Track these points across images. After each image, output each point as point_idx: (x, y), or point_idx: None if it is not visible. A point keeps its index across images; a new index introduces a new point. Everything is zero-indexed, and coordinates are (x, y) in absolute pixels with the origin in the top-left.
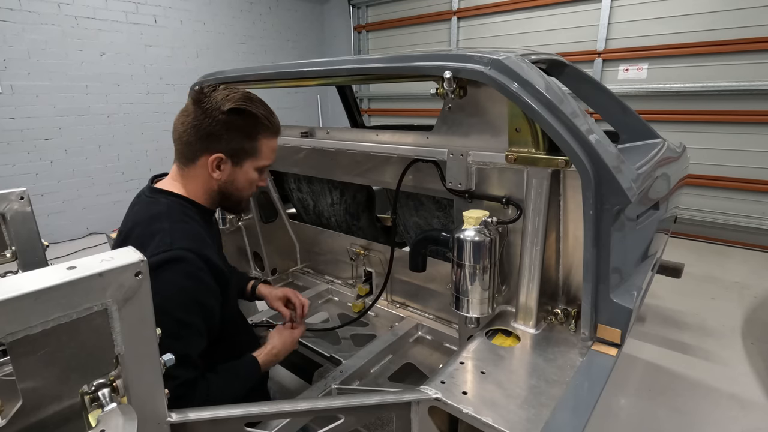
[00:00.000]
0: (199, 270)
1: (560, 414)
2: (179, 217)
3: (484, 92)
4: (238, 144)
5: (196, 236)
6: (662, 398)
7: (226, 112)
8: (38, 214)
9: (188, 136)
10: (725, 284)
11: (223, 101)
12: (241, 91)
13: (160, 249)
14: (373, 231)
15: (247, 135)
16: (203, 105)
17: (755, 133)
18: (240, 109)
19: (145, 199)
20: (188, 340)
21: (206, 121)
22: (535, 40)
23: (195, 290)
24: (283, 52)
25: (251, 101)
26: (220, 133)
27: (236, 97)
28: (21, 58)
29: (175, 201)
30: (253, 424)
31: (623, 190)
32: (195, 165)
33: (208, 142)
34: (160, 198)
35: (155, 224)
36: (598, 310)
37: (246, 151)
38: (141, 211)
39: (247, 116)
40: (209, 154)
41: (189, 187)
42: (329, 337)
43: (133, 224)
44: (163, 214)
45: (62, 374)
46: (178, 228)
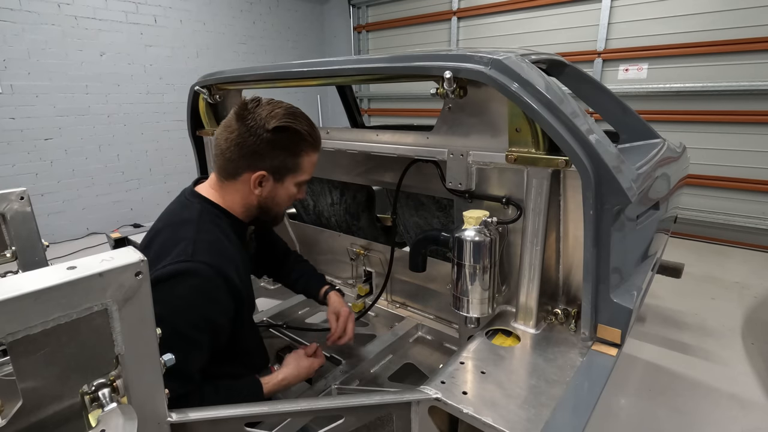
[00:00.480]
0: (214, 287)
1: (560, 414)
2: (208, 227)
3: (484, 92)
4: (281, 161)
5: (218, 250)
6: (662, 398)
7: (271, 130)
8: (38, 214)
9: (231, 153)
10: (725, 284)
11: (267, 118)
12: (284, 106)
13: (179, 258)
14: (373, 231)
15: (291, 152)
16: (247, 122)
17: (755, 133)
18: (285, 127)
19: (183, 200)
20: (189, 354)
21: (251, 139)
22: (535, 40)
23: (205, 307)
24: (283, 52)
25: (295, 117)
26: (265, 151)
27: (281, 113)
28: (21, 58)
29: (208, 209)
30: (253, 424)
31: (623, 190)
32: (236, 180)
33: (252, 159)
34: (195, 204)
35: (183, 230)
36: (598, 310)
37: (288, 168)
38: (174, 212)
39: (291, 133)
40: (252, 171)
41: (227, 198)
42: None
43: (164, 225)
44: (193, 222)
45: (62, 374)
46: (202, 239)
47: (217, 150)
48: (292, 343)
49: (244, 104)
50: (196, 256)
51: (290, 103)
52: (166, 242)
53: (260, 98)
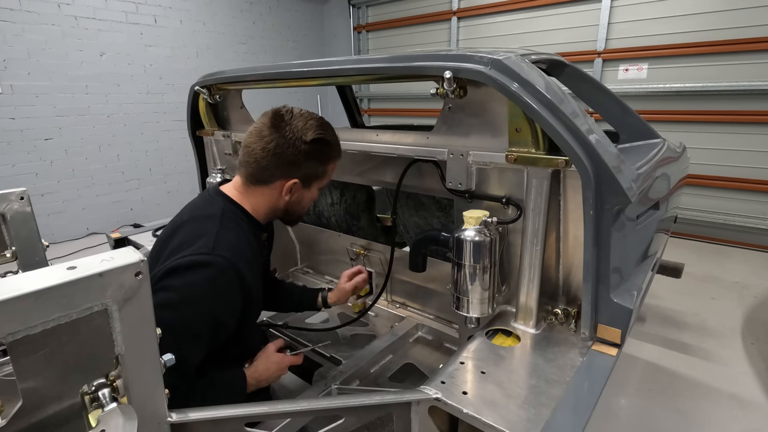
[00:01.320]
0: (228, 282)
1: (560, 414)
2: (229, 225)
3: (484, 92)
4: (313, 170)
5: (238, 248)
6: (662, 398)
7: (309, 142)
8: (38, 214)
9: (266, 162)
10: (725, 284)
11: (304, 130)
12: (315, 117)
13: (201, 250)
14: (373, 231)
15: (322, 162)
16: (285, 132)
17: (755, 133)
18: (320, 139)
19: (206, 197)
20: (188, 346)
21: (289, 150)
22: (535, 40)
23: (215, 303)
24: (283, 52)
25: (326, 129)
26: (301, 161)
27: (315, 125)
28: (21, 58)
29: (231, 208)
30: (253, 424)
31: (623, 190)
32: (266, 187)
33: (288, 169)
34: (219, 201)
35: (206, 224)
36: (598, 310)
37: (318, 176)
38: (198, 207)
39: (324, 145)
40: (286, 179)
41: (252, 201)
42: (329, 337)
43: (189, 218)
44: (217, 217)
45: (62, 374)
46: (224, 235)
47: (250, 158)
48: (292, 344)
49: (279, 114)
50: (216, 250)
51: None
52: (189, 234)
53: (291, 108)
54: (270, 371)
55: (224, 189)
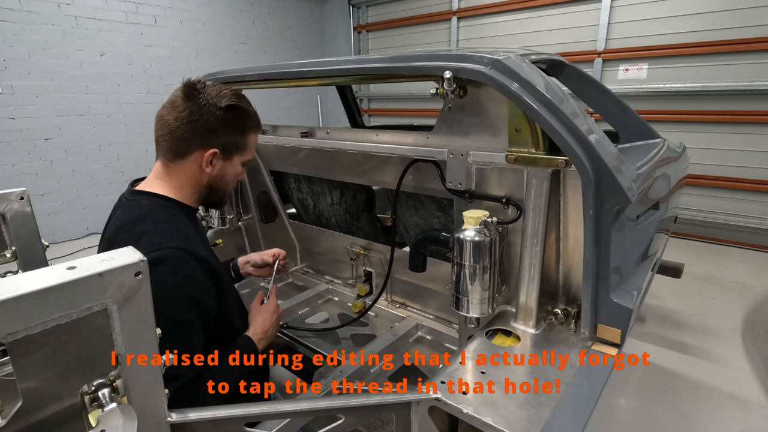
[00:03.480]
0: (191, 268)
1: (560, 414)
2: (163, 217)
3: (484, 92)
4: (232, 139)
5: (183, 234)
6: (662, 398)
7: (223, 108)
8: (38, 214)
9: (182, 131)
10: (725, 284)
11: (218, 97)
12: (230, 87)
13: (148, 249)
14: (373, 231)
15: (240, 131)
16: (199, 100)
17: (755, 133)
18: (235, 106)
19: (126, 202)
20: (187, 337)
21: (204, 117)
22: (535, 40)
23: (188, 288)
24: (283, 52)
25: (241, 98)
26: (217, 128)
27: (229, 93)
28: (21, 58)
29: (157, 201)
30: (253, 424)
31: (623, 190)
32: (185, 160)
33: (204, 137)
34: (142, 200)
35: (140, 226)
36: (598, 310)
37: (237, 146)
38: (123, 214)
39: (240, 112)
40: (204, 149)
41: (174, 183)
42: (329, 337)
43: (117, 228)
44: (147, 215)
45: (62, 374)
46: (164, 227)
47: (164, 130)
48: (291, 343)
49: (191, 83)
50: (163, 243)
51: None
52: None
53: (204, 80)
54: (267, 321)
55: (141, 187)
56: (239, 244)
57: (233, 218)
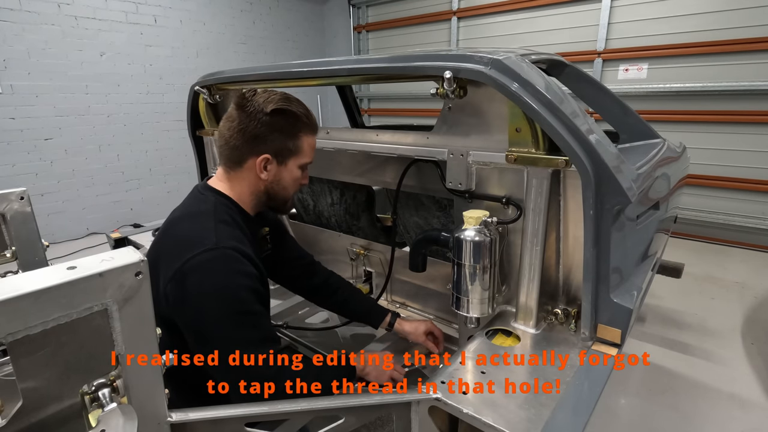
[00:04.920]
0: (243, 264)
1: (560, 414)
2: (223, 217)
3: (484, 92)
4: (282, 143)
5: (239, 238)
6: (662, 398)
7: (269, 113)
8: (38, 214)
9: (235, 141)
10: (725, 284)
11: (265, 103)
12: (280, 92)
13: (206, 247)
14: (373, 231)
15: (290, 134)
16: (247, 109)
17: (755, 133)
18: (282, 110)
19: (196, 194)
20: (263, 325)
21: (252, 124)
22: (535, 40)
23: (247, 281)
24: (283, 52)
25: (290, 101)
26: (265, 134)
27: (277, 98)
28: (21, 58)
29: (222, 201)
30: (254, 424)
31: (623, 190)
32: (242, 168)
33: (254, 143)
34: (210, 196)
35: (201, 221)
36: (598, 310)
37: (290, 150)
38: (191, 204)
39: (288, 115)
40: (256, 155)
41: (236, 189)
42: (329, 337)
43: (180, 214)
44: (210, 213)
45: (62, 374)
46: (222, 228)
47: (222, 141)
48: (291, 343)
49: (242, 95)
50: (220, 243)
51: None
52: (187, 232)
53: (257, 89)
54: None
55: (211, 183)
56: None
57: None
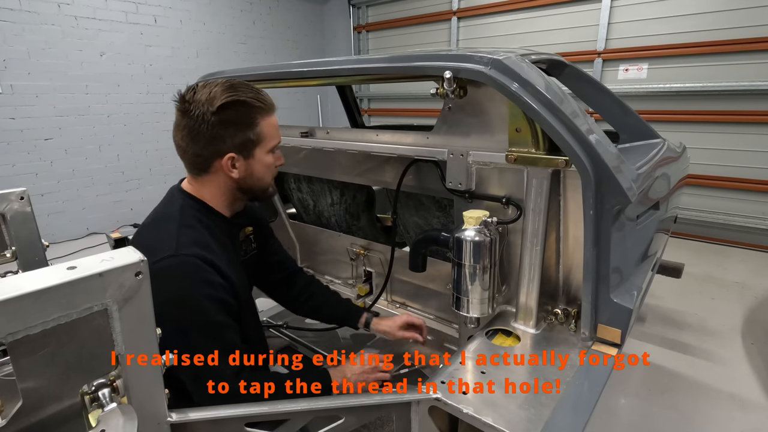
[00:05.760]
0: (206, 272)
1: (560, 414)
2: (189, 221)
3: (484, 92)
4: (242, 137)
5: (201, 241)
6: (662, 398)
7: (216, 111)
8: (38, 214)
9: (192, 149)
10: (725, 284)
11: (209, 101)
12: (220, 83)
13: (166, 254)
14: (373, 231)
15: (247, 124)
16: (191, 113)
17: (755, 133)
18: (229, 103)
19: (169, 197)
20: (226, 336)
21: (202, 128)
22: (535, 40)
23: (209, 289)
24: (283, 52)
25: (235, 89)
26: (220, 133)
27: (220, 91)
28: (21, 58)
29: (189, 203)
30: (254, 424)
31: (623, 190)
32: (210, 172)
33: (212, 146)
34: (179, 199)
35: (165, 226)
36: (598, 310)
37: (252, 141)
38: (159, 208)
39: (238, 106)
40: (220, 157)
41: (207, 191)
42: (329, 337)
43: (149, 221)
44: (175, 216)
45: (62, 374)
46: (186, 233)
47: (179, 151)
48: (291, 343)
49: (181, 97)
50: (180, 250)
51: (226, 78)
52: (150, 241)
53: (195, 84)
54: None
55: (184, 184)
56: None
57: None
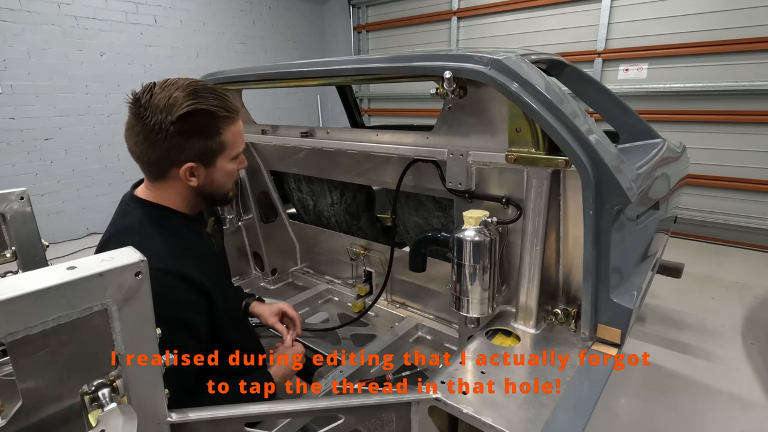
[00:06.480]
0: (172, 290)
1: (560, 414)
2: (151, 231)
3: (484, 92)
4: (202, 146)
5: (167, 252)
6: (662, 398)
7: (176, 121)
8: (38, 214)
9: (148, 156)
10: (725, 284)
11: (168, 108)
12: (181, 86)
13: None
14: (373, 231)
15: (210, 134)
16: (147, 119)
17: (755, 133)
18: (189, 113)
19: (123, 207)
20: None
21: (160, 137)
22: (535, 40)
23: (170, 309)
24: (283, 52)
25: (198, 95)
26: (180, 143)
27: (181, 97)
28: (21, 58)
29: (149, 212)
30: (254, 424)
31: (623, 190)
32: (166, 179)
33: (170, 156)
34: (136, 209)
35: (127, 238)
36: (598, 310)
37: (214, 150)
38: (116, 222)
39: (201, 115)
40: (177, 167)
41: (165, 196)
42: (329, 337)
43: (109, 235)
44: (135, 229)
45: (62, 374)
46: (149, 244)
47: (133, 155)
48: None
49: (136, 99)
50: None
51: (187, 78)
52: None
53: (152, 85)
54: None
55: (138, 192)
56: (239, 244)
57: (233, 218)
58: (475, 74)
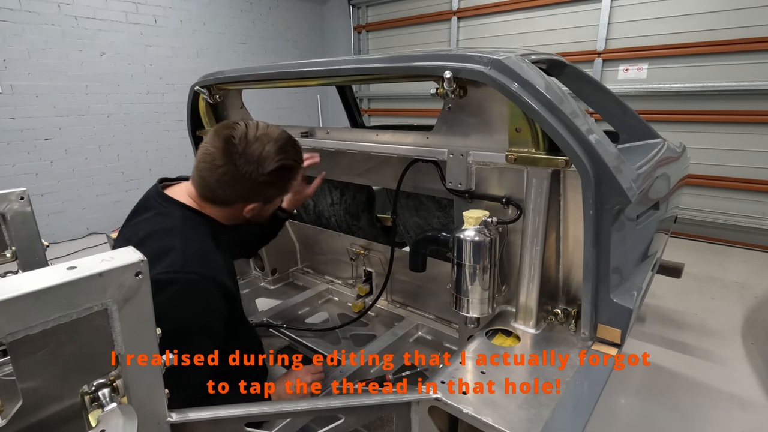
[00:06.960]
0: (209, 295)
1: (560, 414)
2: (192, 235)
3: (484, 92)
4: (274, 194)
5: (208, 258)
6: (662, 398)
7: (267, 173)
8: (38, 214)
9: (223, 192)
10: (725, 284)
11: (261, 161)
12: (273, 139)
13: (171, 268)
14: (373, 231)
15: (285, 186)
16: (238, 163)
17: (755, 133)
18: (280, 167)
19: (157, 206)
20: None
21: (247, 182)
22: (535, 40)
23: (204, 315)
24: (283, 52)
25: (285, 152)
26: (261, 189)
27: (272, 153)
28: (21, 58)
29: (190, 216)
30: (253, 424)
31: (623, 190)
32: (226, 206)
33: (247, 196)
34: (175, 210)
35: (168, 239)
36: (598, 310)
37: (280, 194)
38: (155, 221)
39: (286, 170)
40: (245, 204)
41: (212, 212)
42: (329, 337)
43: (147, 234)
44: (177, 230)
45: (62, 374)
46: (191, 248)
47: (202, 181)
48: (291, 343)
49: (228, 139)
50: (187, 267)
51: (276, 127)
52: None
53: (245, 130)
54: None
55: (176, 195)
56: None
57: None
58: (475, 74)
